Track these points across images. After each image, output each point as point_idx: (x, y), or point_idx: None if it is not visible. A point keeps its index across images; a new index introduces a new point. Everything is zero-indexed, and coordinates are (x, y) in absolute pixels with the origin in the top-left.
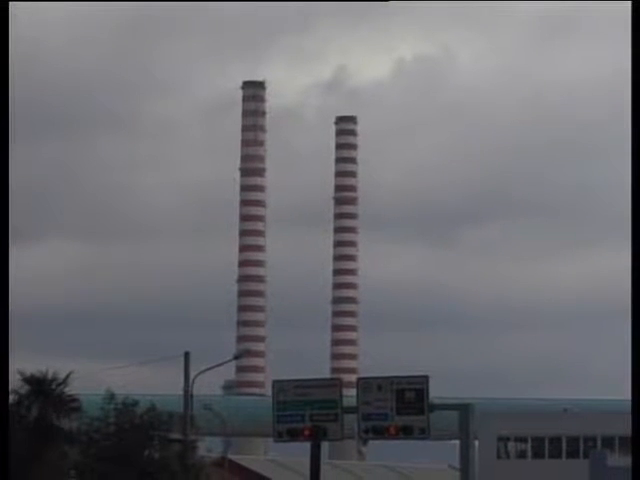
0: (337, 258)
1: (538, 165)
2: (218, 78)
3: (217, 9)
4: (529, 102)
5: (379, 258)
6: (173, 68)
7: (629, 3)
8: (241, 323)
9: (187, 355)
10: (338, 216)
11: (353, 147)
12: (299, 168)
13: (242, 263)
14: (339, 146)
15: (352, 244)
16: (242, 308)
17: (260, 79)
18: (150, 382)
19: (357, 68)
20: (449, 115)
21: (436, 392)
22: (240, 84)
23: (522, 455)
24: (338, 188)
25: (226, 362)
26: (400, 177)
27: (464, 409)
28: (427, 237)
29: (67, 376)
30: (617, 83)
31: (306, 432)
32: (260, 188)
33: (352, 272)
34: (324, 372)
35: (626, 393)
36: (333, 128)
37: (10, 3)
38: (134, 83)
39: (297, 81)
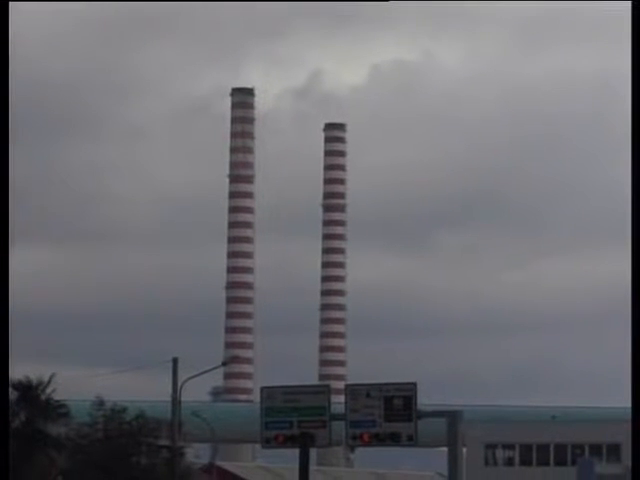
0: (325, 265)
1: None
2: (197, 83)
3: (194, 14)
4: (508, 105)
5: (367, 265)
6: (148, 73)
7: (629, 3)
8: (229, 329)
9: (175, 361)
10: (326, 223)
11: (341, 154)
12: (287, 174)
13: (230, 269)
14: (327, 153)
15: (340, 251)
16: (230, 314)
17: (249, 86)
18: (138, 388)
19: (335, 73)
20: (428, 119)
21: (423, 399)
22: (229, 90)
23: (510, 462)
24: (326, 195)
25: (214, 368)
26: (381, 182)
27: (452, 416)
28: (413, 243)
29: (50, 378)
30: (599, 85)
31: (294, 438)
32: (248, 195)
33: (340, 279)
34: (312, 379)
35: (613, 400)
36: (320, 135)
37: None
38: (112, 87)
39: (278, 86)
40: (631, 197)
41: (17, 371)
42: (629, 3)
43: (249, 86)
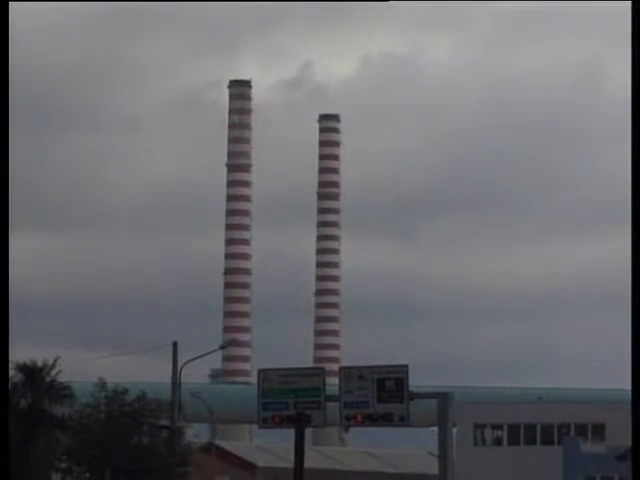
0: (320, 252)
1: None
2: (192, 75)
3: (188, 7)
4: (497, 95)
5: (361, 251)
6: (145, 65)
7: (629, 3)
8: (227, 314)
9: (175, 345)
10: (321, 211)
11: (336, 144)
12: (283, 164)
13: (229, 256)
14: (322, 143)
15: (335, 238)
16: (229, 299)
17: (245, 78)
18: (139, 371)
19: (326, 65)
20: (417, 110)
21: (415, 381)
22: (225, 82)
23: (498, 442)
24: (321, 184)
25: (213, 351)
26: (374, 171)
27: (443, 397)
28: (406, 230)
29: (55, 361)
30: (585, 76)
31: (290, 419)
32: (246, 183)
33: (335, 265)
34: (308, 361)
35: (599, 381)
36: (313, 125)
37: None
38: (110, 79)
39: (271, 78)
40: (631, 184)
41: (21, 354)
42: (629, 3)
43: (246, 78)
